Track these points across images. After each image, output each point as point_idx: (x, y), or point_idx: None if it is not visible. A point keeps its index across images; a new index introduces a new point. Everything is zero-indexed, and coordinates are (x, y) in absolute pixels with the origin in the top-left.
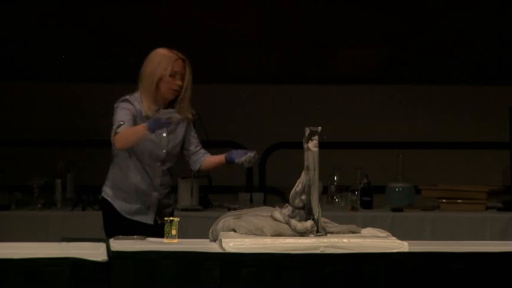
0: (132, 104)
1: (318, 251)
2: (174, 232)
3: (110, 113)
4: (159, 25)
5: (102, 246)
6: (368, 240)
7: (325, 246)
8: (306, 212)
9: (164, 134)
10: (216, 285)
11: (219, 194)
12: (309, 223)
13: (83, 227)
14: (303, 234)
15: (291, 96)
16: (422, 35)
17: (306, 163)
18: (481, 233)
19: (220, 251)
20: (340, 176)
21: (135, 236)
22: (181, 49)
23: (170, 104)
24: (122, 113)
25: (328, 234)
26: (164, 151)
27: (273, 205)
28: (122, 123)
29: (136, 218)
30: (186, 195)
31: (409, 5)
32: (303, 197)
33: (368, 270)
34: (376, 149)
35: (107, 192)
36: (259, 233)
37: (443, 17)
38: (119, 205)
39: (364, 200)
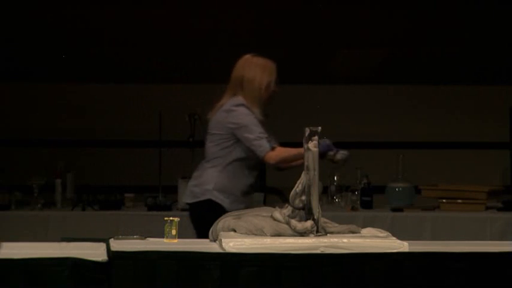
0: (250, 109)
1: (318, 251)
2: (174, 232)
3: (109, 113)
4: (159, 26)
5: (102, 246)
6: (368, 240)
7: (325, 246)
8: (306, 212)
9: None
10: (216, 285)
11: None
12: (309, 223)
13: (83, 227)
14: (303, 234)
15: (291, 96)
16: (422, 35)
17: (306, 163)
18: (481, 233)
19: (220, 251)
20: (340, 176)
21: (135, 236)
22: (180, 49)
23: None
24: (255, 121)
25: (328, 234)
26: None
27: (273, 205)
28: (266, 135)
29: None
30: None
31: (408, 5)
32: (303, 197)
33: (368, 270)
34: (376, 149)
35: (215, 195)
36: (259, 233)
37: (443, 17)
38: (229, 206)
39: (364, 200)
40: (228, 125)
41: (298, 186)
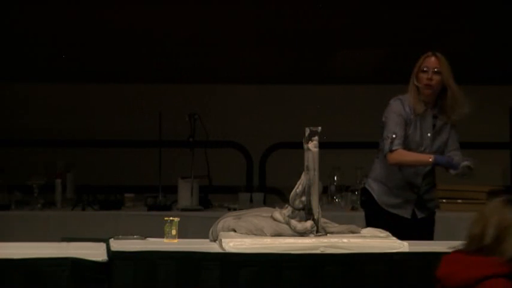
0: (403, 105)
1: (318, 251)
2: (174, 232)
3: (109, 113)
4: (158, 26)
5: (102, 246)
6: (368, 240)
7: (325, 246)
8: (306, 212)
9: (429, 134)
10: (216, 285)
11: (219, 194)
12: (309, 223)
13: (83, 227)
14: (302, 234)
15: (291, 96)
16: (422, 35)
17: (306, 163)
18: None
19: (220, 251)
20: (340, 176)
21: (135, 236)
22: (180, 49)
23: (438, 104)
24: (395, 120)
25: (328, 234)
26: (427, 151)
27: (273, 205)
28: (394, 136)
29: (394, 211)
30: (186, 195)
31: (409, 5)
32: (303, 198)
33: (368, 270)
34: (376, 149)
35: (370, 184)
36: (259, 233)
37: (443, 17)
38: (378, 197)
39: (364, 200)
40: (382, 118)
41: (298, 187)
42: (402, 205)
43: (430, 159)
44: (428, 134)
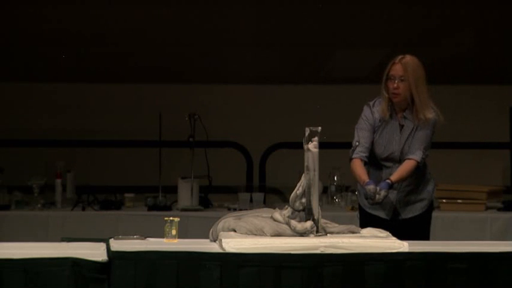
0: (371, 110)
1: (318, 251)
2: (174, 232)
3: (109, 113)
4: (159, 25)
5: (102, 246)
6: (368, 240)
7: (325, 246)
8: (306, 212)
9: (396, 138)
10: (216, 285)
11: (219, 194)
12: (309, 223)
13: (83, 227)
14: (302, 234)
15: (291, 96)
16: (422, 35)
17: (305, 163)
18: (481, 233)
19: (220, 251)
20: (340, 176)
21: (135, 236)
22: (180, 49)
23: (409, 107)
24: (362, 126)
25: (328, 234)
26: (397, 154)
27: (273, 205)
28: (357, 144)
29: (374, 212)
30: (186, 195)
31: (408, 5)
32: (304, 200)
33: (368, 270)
34: None
35: (357, 186)
36: (259, 233)
37: (443, 17)
38: (361, 198)
39: None
40: None
41: (298, 189)
42: (382, 206)
43: (364, 183)
44: (396, 138)
